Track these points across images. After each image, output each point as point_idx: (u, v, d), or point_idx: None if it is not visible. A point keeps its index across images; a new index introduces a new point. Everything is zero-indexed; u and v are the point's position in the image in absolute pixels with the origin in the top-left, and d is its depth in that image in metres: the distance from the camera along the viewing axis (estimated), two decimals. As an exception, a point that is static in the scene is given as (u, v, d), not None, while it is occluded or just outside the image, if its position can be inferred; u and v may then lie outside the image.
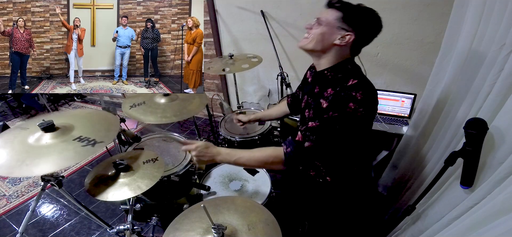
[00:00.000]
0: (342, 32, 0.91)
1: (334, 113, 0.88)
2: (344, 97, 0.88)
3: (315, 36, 0.96)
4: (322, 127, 0.91)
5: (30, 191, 2.37)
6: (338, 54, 0.96)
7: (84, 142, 0.97)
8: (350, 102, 0.87)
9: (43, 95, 3.61)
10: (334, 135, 0.91)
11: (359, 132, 0.97)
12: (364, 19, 0.92)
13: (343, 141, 0.95)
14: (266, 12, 2.15)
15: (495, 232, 0.66)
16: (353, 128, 0.90)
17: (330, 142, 0.93)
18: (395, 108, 1.85)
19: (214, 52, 2.67)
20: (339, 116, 0.88)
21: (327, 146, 0.94)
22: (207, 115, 2.14)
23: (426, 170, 1.34)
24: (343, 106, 0.87)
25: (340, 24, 0.91)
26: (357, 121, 0.89)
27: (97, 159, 2.55)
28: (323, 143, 0.93)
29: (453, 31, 1.22)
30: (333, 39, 0.93)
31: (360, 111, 0.87)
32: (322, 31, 0.94)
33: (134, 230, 1.17)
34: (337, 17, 0.92)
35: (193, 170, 1.48)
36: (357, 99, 0.87)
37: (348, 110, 0.87)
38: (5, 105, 3.74)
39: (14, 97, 3.76)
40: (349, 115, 0.87)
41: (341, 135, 0.91)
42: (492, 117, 0.89)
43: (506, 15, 0.88)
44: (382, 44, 1.84)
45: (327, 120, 0.89)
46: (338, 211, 1.16)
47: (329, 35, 0.94)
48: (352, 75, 0.94)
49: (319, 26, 0.95)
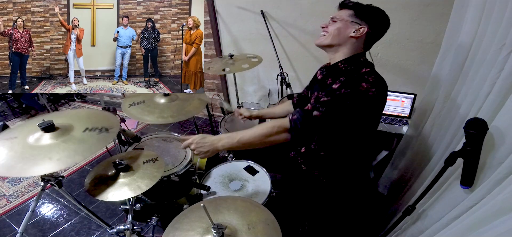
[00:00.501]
0: (356, 25, 0.99)
1: (347, 90, 0.91)
2: (357, 78, 0.93)
3: (332, 32, 1.03)
4: (333, 101, 0.93)
5: (30, 191, 2.37)
6: (353, 47, 1.02)
7: (96, 131, 0.98)
8: (363, 82, 0.91)
9: (43, 95, 3.62)
10: (344, 112, 0.92)
11: (368, 117, 0.99)
12: (374, 14, 1.00)
13: (352, 123, 0.97)
14: (266, 12, 2.15)
15: (495, 232, 0.66)
16: (363, 108, 0.93)
17: (338, 119, 0.94)
18: (395, 109, 1.85)
19: (214, 52, 2.67)
20: (351, 93, 0.91)
21: (335, 123, 0.95)
22: (207, 115, 2.14)
23: (426, 170, 1.34)
24: (356, 84, 0.91)
25: (354, 19, 1.00)
26: (368, 102, 0.92)
27: (97, 159, 2.55)
28: (331, 117, 0.94)
29: (453, 31, 1.22)
30: (349, 33, 1.00)
31: (372, 92, 0.91)
32: (338, 27, 1.02)
33: (134, 230, 1.17)
34: (350, 14, 1.01)
35: (193, 170, 1.48)
36: (370, 81, 0.92)
37: (360, 88, 0.91)
38: (5, 105, 3.74)
39: (14, 97, 3.76)
40: (361, 93, 0.90)
41: (351, 114, 0.93)
42: (492, 117, 0.89)
43: (506, 15, 0.88)
44: (382, 44, 1.84)
45: (339, 96, 0.92)
46: (338, 211, 1.16)
47: (344, 29, 1.01)
48: (364, 66, 0.99)
49: (334, 23, 1.04)
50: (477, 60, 1.05)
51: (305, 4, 1.97)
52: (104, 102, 1.56)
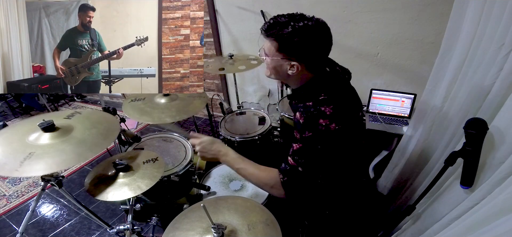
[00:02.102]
0: (288, 62, 0.87)
1: (309, 133, 0.85)
2: (314, 115, 0.85)
3: (269, 68, 0.94)
4: (304, 148, 0.87)
5: (30, 191, 2.37)
6: (299, 79, 0.92)
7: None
8: (320, 119, 0.84)
9: (43, 95, 3.62)
10: (319, 155, 0.86)
11: (343, 147, 0.92)
12: (301, 43, 0.83)
13: (331, 158, 0.90)
14: (266, 12, 2.15)
15: (495, 232, 0.66)
16: (333, 144, 0.86)
17: (319, 163, 0.89)
18: (395, 108, 1.85)
19: (214, 52, 2.67)
20: (313, 136, 0.85)
21: (318, 166, 0.90)
22: (207, 115, 2.14)
23: (426, 170, 1.34)
24: (314, 124, 0.84)
25: (282, 56, 0.87)
26: (334, 137, 0.84)
27: (97, 159, 2.55)
28: (312, 164, 0.88)
29: (453, 31, 1.22)
30: (285, 70, 0.89)
31: (333, 127, 0.83)
32: (272, 65, 0.91)
33: (134, 230, 1.17)
34: (275, 47, 0.87)
35: (193, 170, 1.48)
36: (327, 115, 0.84)
37: (320, 128, 0.83)
38: (5, 106, 3.74)
39: (14, 97, 3.76)
40: (323, 133, 0.84)
41: (325, 153, 0.86)
42: (492, 117, 0.89)
43: (505, 15, 0.88)
44: (382, 44, 1.84)
45: (306, 140, 0.86)
46: (338, 211, 1.16)
47: (280, 67, 0.90)
48: (322, 90, 0.89)
49: (266, 57, 0.91)
50: (477, 60, 1.05)
51: (305, 4, 1.97)
52: (104, 102, 1.56)
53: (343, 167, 1.03)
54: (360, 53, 1.95)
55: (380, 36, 1.83)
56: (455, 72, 1.20)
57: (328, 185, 1.03)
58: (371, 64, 1.94)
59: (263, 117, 1.89)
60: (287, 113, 1.81)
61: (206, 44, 2.66)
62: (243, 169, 1.01)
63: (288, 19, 0.85)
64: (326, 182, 1.00)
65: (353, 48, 1.95)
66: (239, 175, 1.04)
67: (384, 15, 1.74)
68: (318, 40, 0.85)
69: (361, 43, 1.91)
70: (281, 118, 1.88)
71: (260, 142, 1.69)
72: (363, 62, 1.96)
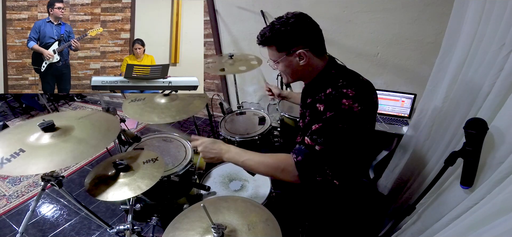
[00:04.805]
0: (294, 54, 0.93)
1: (331, 113, 0.87)
2: (336, 96, 0.88)
3: (285, 73, 1.00)
4: (325, 127, 0.88)
5: (30, 191, 2.37)
6: (312, 69, 0.98)
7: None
8: (343, 98, 0.86)
9: (43, 95, 3.62)
10: (340, 134, 0.88)
11: (363, 129, 0.93)
12: (293, 30, 0.91)
13: (351, 140, 0.91)
14: (266, 12, 2.16)
15: (495, 232, 0.66)
16: (354, 125, 0.88)
17: (338, 143, 0.89)
18: (395, 108, 1.85)
19: (214, 52, 2.67)
20: (336, 115, 0.86)
21: (337, 147, 0.90)
22: (207, 115, 2.14)
23: (426, 170, 1.34)
24: (337, 104, 0.86)
25: (285, 53, 0.94)
26: (357, 117, 0.87)
27: (97, 159, 2.55)
28: (332, 144, 0.89)
29: (453, 31, 1.22)
30: (297, 64, 0.95)
31: (356, 107, 0.85)
32: (283, 67, 0.98)
33: (134, 230, 1.17)
34: (276, 49, 0.95)
35: (193, 170, 1.48)
36: (350, 96, 0.86)
37: (343, 107, 0.85)
38: (5, 106, 3.74)
39: (14, 97, 3.76)
40: (346, 112, 0.86)
41: (345, 133, 0.88)
42: (492, 117, 0.89)
43: (506, 15, 0.88)
44: (382, 44, 1.84)
45: (327, 120, 0.88)
46: (338, 211, 1.16)
47: (291, 65, 0.96)
48: (339, 77, 0.93)
49: (277, 64, 0.99)
50: (477, 60, 1.05)
51: (305, 4, 1.97)
52: (104, 102, 1.56)
53: (356, 156, 1.03)
54: (360, 53, 1.95)
55: (380, 36, 1.83)
56: (455, 72, 1.20)
57: (335, 177, 1.02)
58: (371, 64, 1.94)
59: (263, 117, 1.89)
60: (287, 113, 1.81)
61: (206, 44, 2.67)
62: (248, 159, 0.99)
63: (271, 24, 0.95)
64: (335, 173, 0.99)
65: (353, 48, 1.96)
66: (245, 169, 1.03)
67: (384, 15, 1.74)
68: (305, 21, 0.93)
69: (361, 43, 1.91)
70: (281, 118, 1.88)
71: (260, 142, 1.69)
72: (363, 62, 1.96)
